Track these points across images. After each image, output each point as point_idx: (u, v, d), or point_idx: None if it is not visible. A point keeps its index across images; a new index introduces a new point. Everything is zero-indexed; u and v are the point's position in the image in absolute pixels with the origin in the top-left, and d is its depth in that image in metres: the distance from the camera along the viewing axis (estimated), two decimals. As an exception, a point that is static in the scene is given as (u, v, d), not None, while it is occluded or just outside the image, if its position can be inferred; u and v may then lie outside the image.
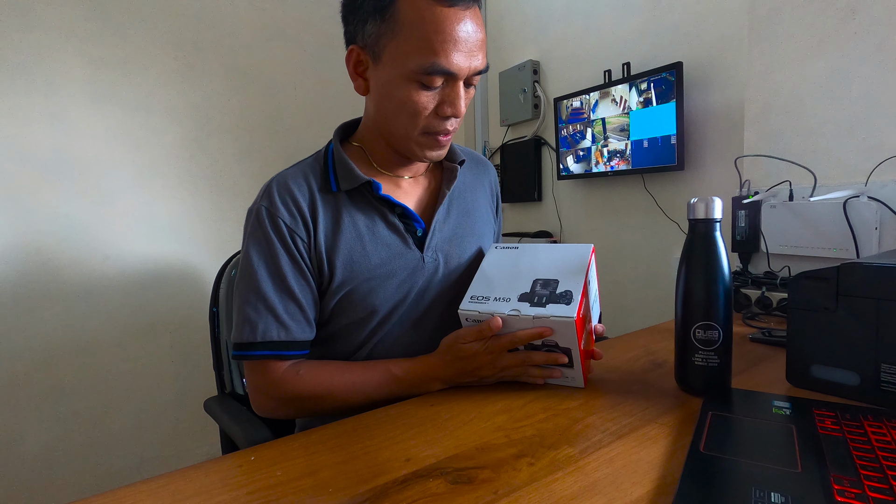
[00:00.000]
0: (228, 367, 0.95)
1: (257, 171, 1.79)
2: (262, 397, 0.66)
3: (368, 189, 0.69)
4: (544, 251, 0.67)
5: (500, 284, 0.63)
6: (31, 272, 1.42)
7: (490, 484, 0.41)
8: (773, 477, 0.38)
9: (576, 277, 0.61)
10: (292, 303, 0.65)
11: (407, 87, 0.61)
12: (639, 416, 0.53)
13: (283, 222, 0.65)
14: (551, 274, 0.63)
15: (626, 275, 1.71)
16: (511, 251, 0.69)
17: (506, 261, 0.67)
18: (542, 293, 0.60)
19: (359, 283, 0.67)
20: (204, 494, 0.41)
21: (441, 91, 0.62)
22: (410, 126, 0.64)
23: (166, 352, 1.65)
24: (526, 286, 0.62)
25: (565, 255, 0.65)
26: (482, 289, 0.63)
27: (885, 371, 0.53)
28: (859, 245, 0.94)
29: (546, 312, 0.57)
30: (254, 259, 0.66)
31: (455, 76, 0.60)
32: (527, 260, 0.66)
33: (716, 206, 0.55)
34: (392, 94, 0.63)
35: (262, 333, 0.63)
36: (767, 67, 1.09)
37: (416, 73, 0.59)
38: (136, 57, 1.55)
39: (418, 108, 0.62)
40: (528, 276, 0.63)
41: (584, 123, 1.71)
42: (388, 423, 0.53)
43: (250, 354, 0.64)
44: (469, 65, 0.60)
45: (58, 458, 1.47)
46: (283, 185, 0.68)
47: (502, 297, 0.61)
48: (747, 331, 0.87)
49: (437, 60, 0.58)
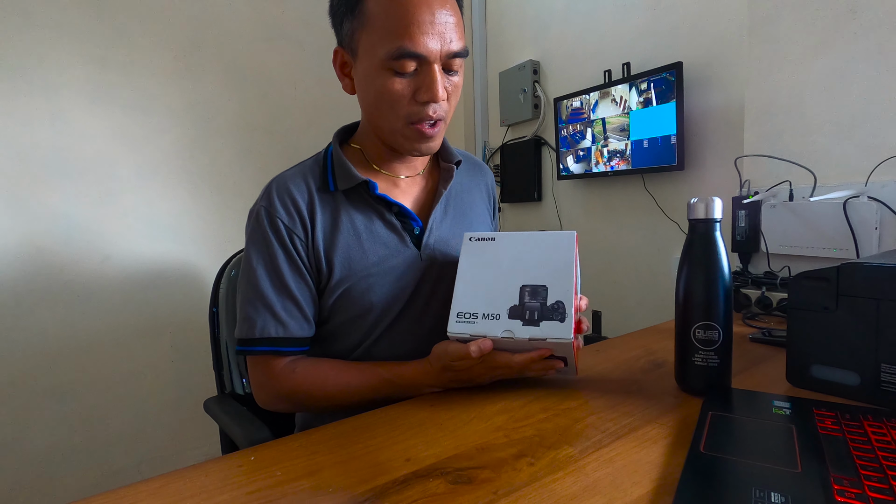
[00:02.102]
0: (228, 368, 0.95)
1: (257, 171, 1.79)
2: (261, 391, 0.68)
3: (365, 189, 0.69)
4: (525, 244, 0.62)
5: (485, 295, 0.59)
6: (32, 272, 1.42)
7: (490, 484, 0.41)
8: (773, 477, 0.38)
9: (564, 279, 0.58)
10: (290, 300, 0.67)
11: (381, 76, 0.61)
12: (639, 416, 0.53)
13: (282, 222, 0.67)
14: (538, 276, 0.59)
15: (626, 275, 1.71)
16: (488, 244, 0.63)
17: (485, 259, 0.62)
18: (533, 306, 0.57)
19: (356, 280, 0.67)
20: (204, 494, 0.41)
21: (416, 77, 0.62)
22: (393, 117, 0.64)
23: (166, 352, 1.65)
24: (513, 295, 0.58)
25: (549, 249, 0.61)
26: (467, 302, 0.59)
27: (885, 371, 0.53)
28: (859, 245, 0.94)
29: (541, 334, 0.55)
30: (253, 259, 0.68)
31: (425, 59, 0.60)
32: (508, 257, 0.61)
33: (716, 206, 0.55)
34: (370, 87, 0.64)
35: (260, 330, 0.65)
36: (767, 67, 1.09)
37: (386, 60, 0.60)
38: (136, 57, 1.55)
39: (395, 96, 0.62)
40: (513, 280, 0.59)
41: (584, 123, 1.71)
42: (388, 423, 0.53)
43: (250, 350, 0.66)
44: (440, 48, 0.60)
45: (58, 458, 1.47)
46: (282, 185, 0.69)
47: (491, 314, 0.58)
48: (747, 331, 0.87)
49: (403, 44, 0.59)
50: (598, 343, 0.82)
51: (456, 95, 0.66)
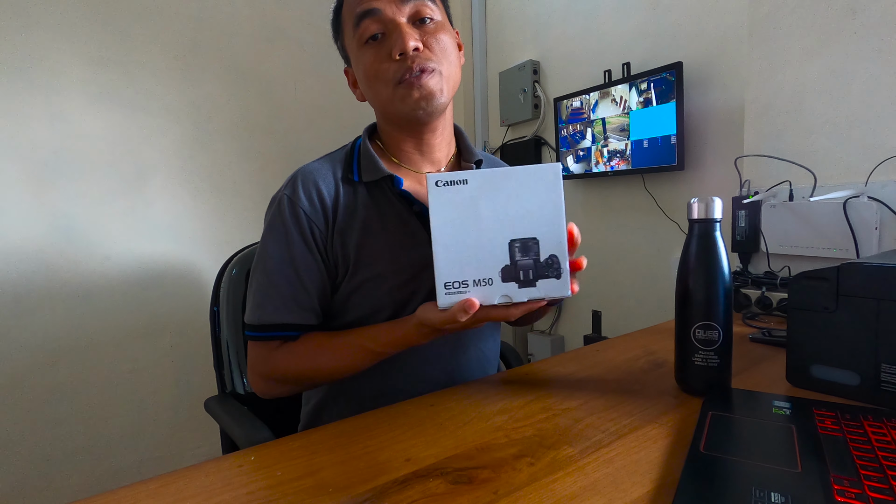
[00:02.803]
0: (229, 367, 0.95)
1: (257, 171, 1.79)
2: (253, 374, 0.69)
3: (389, 184, 0.69)
4: (504, 184, 0.53)
5: (471, 257, 0.52)
6: (32, 272, 1.42)
7: (490, 484, 0.41)
8: (773, 477, 0.38)
9: (555, 227, 0.52)
10: (302, 291, 0.67)
11: (360, 55, 0.66)
12: (639, 416, 0.53)
13: (304, 211, 0.67)
14: (526, 227, 0.52)
15: (625, 275, 1.71)
16: (462, 190, 0.52)
17: (461, 210, 0.52)
18: (526, 264, 0.52)
19: (374, 275, 0.67)
20: (204, 494, 0.41)
21: (385, 39, 0.65)
22: (383, 86, 0.65)
23: (166, 352, 1.65)
24: (502, 253, 0.52)
25: (532, 188, 0.52)
26: (453, 268, 0.52)
27: (885, 371, 0.53)
28: (859, 245, 0.94)
29: (539, 294, 0.53)
30: (270, 246, 0.68)
31: (381, 13, 0.63)
32: (487, 205, 0.52)
33: (716, 206, 0.55)
34: (359, 73, 0.69)
35: (269, 317, 0.66)
36: (767, 67, 1.09)
37: (355, 36, 0.65)
38: (136, 57, 1.55)
39: (374, 63, 0.65)
40: (499, 234, 0.52)
41: (584, 123, 1.71)
42: (388, 423, 0.53)
43: (257, 336, 0.67)
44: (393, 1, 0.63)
45: (58, 458, 1.47)
46: (308, 176, 0.69)
47: (482, 280, 0.52)
48: (747, 331, 0.87)
49: (358, 9, 0.64)
50: (598, 343, 0.82)
51: (442, 46, 0.66)
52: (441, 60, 0.65)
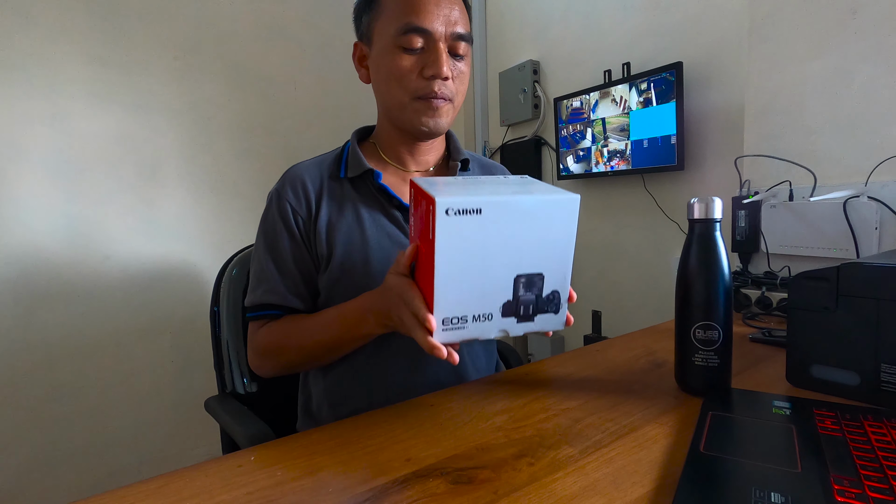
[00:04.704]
0: (230, 367, 0.95)
1: (257, 171, 1.79)
2: (249, 352, 0.74)
3: (370, 178, 0.73)
4: (519, 216, 0.47)
5: (474, 290, 0.47)
6: (31, 272, 1.42)
7: (490, 484, 0.41)
8: (773, 477, 0.38)
9: (562, 264, 0.49)
10: (288, 276, 0.72)
11: (391, 54, 0.67)
12: (639, 416, 0.53)
13: (289, 203, 0.72)
14: (534, 262, 0.48)
15: (626, 275, 1.71)
16: (473, 220, 0.45)
17: (470, 242, 0.46)
18: (528, 299, 0.49)
19: (355, 264, 0.70)
20: (204, 494, 0.41)
21: (423, 55, 0.67)
22: (401, 92, 0.68)
23: (166, 352, 1.65)
24: (506, 288, 0.48)
25: (547, 223, 0.48)
26: (453, 304, 0.47)
27: (885, 371, 0.53)
28: (859, 245, 0.94)
29: (536, 328, 0.51)
30: (260, 236, 0.74)
31: (430, 34, 0.65)
32: (498, 238, 0.47)
33: (716, 206, 0.55)
34: (381, 67, 0.69)
35: (259, 298, 0.71)
36: (767, 67, 1.09)
37: (395, 37, 0.66)
38: (136, 57, 1.55)
39: (403, 71, 0.66)
40: (507, 269, 0.48)
41: (584, 123, 1.71)
42: (388, 423, 0.53)
43: (253, 316, 0.73)
44: (445, 29, 0.66)
45: (58, 458, 1.47)
46: (296, 172, 0.75)
47: (482, 315, 0.48)
48: (747, 331, 0.87)
49: (410, 20, 0.65)
50: (598, 343, 0.82)
51: (462, 82, 0.70)
52: (457, 94, 0.70)
